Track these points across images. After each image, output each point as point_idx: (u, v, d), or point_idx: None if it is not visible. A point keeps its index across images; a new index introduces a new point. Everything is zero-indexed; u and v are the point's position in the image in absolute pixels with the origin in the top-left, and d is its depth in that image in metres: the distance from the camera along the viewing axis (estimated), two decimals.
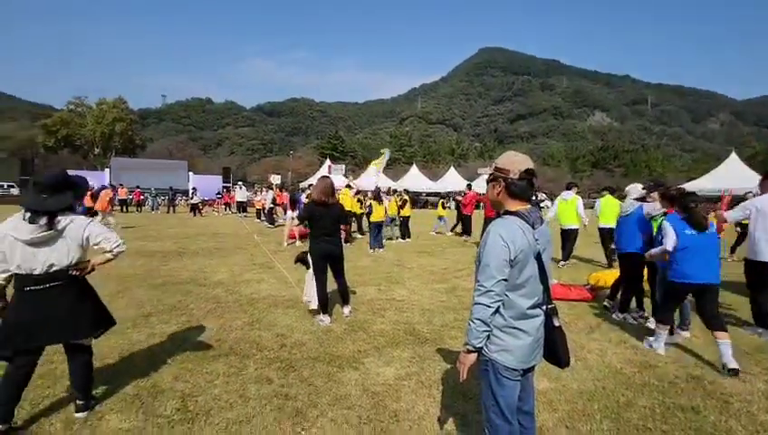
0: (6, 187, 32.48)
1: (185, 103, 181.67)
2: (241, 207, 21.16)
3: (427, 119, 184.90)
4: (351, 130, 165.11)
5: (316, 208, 4.36)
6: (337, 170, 28.36)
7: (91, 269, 2.52)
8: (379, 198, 10.29)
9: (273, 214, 15.96)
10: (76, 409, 2.56)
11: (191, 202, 21.78)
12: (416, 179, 38.28)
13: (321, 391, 2.94)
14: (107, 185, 18.67)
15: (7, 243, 2.29)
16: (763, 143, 68.88)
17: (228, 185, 31.81)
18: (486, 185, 1.89)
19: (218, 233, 13.00)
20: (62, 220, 2.35)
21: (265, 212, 16.27)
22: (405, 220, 12.07)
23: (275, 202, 16.23)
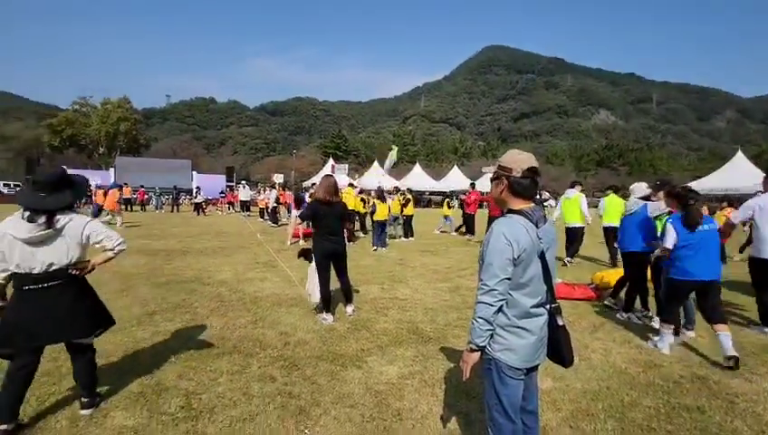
0: (13, 186, 32.77)
1: (189, 103, 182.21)
2: (244, 206, 21.24)
3: (431, 117, 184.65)
4: (354, 129, 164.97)
5: (320, 207, 4.36)
6: (340, 170, 28.39)
7: (91, 268, 2.50)
8: (382, 197, 10.30)
9: (276, 213, 16.03)
10: (81, 406, 2.58)
11: (195, 201, 21.93)
12: (419, 178, 38.25)
13: (325, 389, 2.94)
14: (118, 184, 18.92)
15: (6, 242, 2.27)
16: None
17: (232, 184, 31.98)
18: (490, 184, 1.89)
19: (222, 232, 13.06)
20: (61, 219, 2.33)
21: (269, 211, 16.33)
22: (408, 219, 12.07)
23: (278, 201, 16.29)
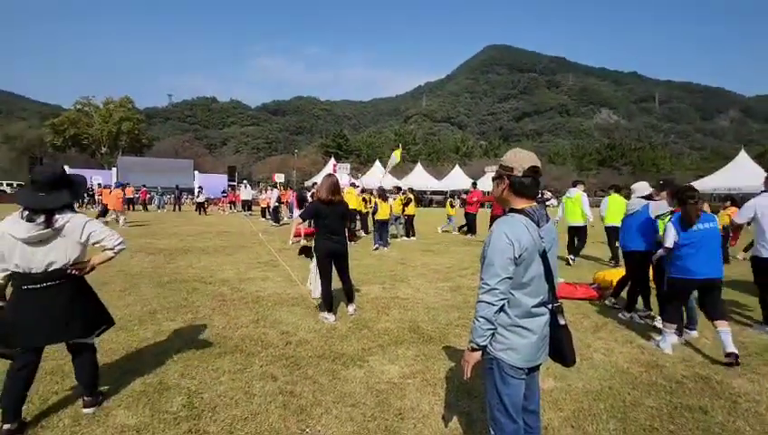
0: (16, 186, 32.90)
1: (190, 102, 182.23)
2: (246, 205, 21.29)
3: (432, 117, 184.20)
4: (356, 128, 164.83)
5: (321, 207, 4.36)
6: (342, 169, 28.38)
7: (91, 269, 2.49)
8: (384, 197, 10.29)
9: (277, 212, 16.06)
10: (84, 404, 2.59)
11: (197, 201, 21.96)
12: (420, 178, 38.25)
13: (326, 388, 2.94)
14: (123, 183, 19.11)
15: (6, 241, 2.26)
16: None
17: (233, 184, 32.04)
18: (492, 183, 1.88)
19: (224, 231, 13.08)
20: (60, 219, 2.32)
21: (270, 211, 16.36)
22: (409, 219, 12.06)
23: (280, 201, 16.34)
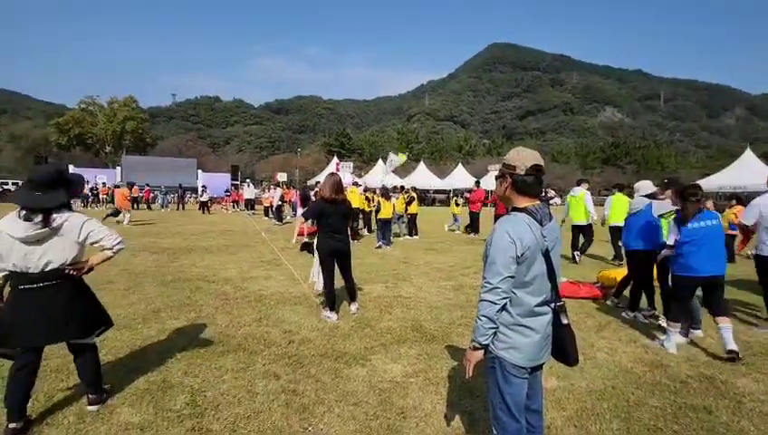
0: (21, 185, 33.18)
1: (194, 102, 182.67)
2: (249, 204, 21.35)
3: (435, 115, 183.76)
4: (359, 127, 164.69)
5: (324, 205, 4.36)
6: (345, 168, 28.40)
7: (89, 268, 2.46)
8: (386, 196, 10.29)
9: (280, 211, 16.10)
10: (88, 402, 2.60)
11: (200, 200, 22.04)
12: (423, 177, 38.21)
13: (329, 387, 2.95)
14: (132, 182, 19.28)
15: (3, 241, 2.25)
16: None
17: (237, 183, 32.10)
18: (495, 181, 1.87)
19: (227, 230, 13.13)
20: (58, 218, 2.30)
21: (273, 209, 16.41)
22: (412, 217, 12.05)
23: (283, 199, 16.38)
